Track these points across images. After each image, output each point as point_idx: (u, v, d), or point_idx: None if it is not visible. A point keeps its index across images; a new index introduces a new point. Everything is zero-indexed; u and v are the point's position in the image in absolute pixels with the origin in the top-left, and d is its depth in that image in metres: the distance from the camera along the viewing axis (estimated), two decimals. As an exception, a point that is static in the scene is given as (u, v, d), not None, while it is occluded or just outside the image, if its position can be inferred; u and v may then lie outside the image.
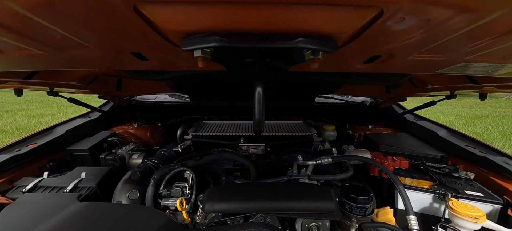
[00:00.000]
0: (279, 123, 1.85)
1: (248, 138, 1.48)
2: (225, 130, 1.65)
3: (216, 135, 1.55)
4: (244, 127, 1.72)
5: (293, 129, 1.67)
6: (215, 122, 1.86)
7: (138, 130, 1.85)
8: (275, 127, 1.74)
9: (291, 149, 1.44)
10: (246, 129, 1.66)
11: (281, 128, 1.71)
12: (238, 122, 1.88)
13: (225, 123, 1.84)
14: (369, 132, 1.83)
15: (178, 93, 2.27)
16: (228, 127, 1.74)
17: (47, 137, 1.41)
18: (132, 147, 1.60)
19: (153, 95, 2.38)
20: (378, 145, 1.48)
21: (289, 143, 1.51)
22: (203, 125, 1.77)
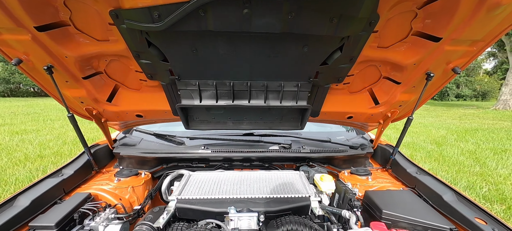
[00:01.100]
0: (273, 175, 1.72)
1: (240, 203, 1.34)
2: (215, 188, 1.50)
3: (203, 199, 1.40)
4: (236, 183, 1.58)
5: (288, 188, 1.53)
6: (204, 176, 1.71)
7: (118, 187, 1.67)
8: (268, 182, 1.61)
9: (285, 219, 1.30)
10: (239, 187, 1.52)
11: (275, 184, 1.58)
12: (231, 173, 1.74)
13: (216, 176, 1.69)
14: (369, 187, 1.72)
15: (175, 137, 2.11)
16: (219, 183, 1.59)
17: (8, 212, 1.22)
18: (109, 213, 1.42)
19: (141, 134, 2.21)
20: (380, 211, 1.37)
21: (284, 211, 1.37)
22: (191, 182, 1.62)
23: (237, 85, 1.45)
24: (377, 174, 1.91)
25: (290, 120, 1.78)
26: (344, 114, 1.83)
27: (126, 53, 1.23)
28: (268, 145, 2.03)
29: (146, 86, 1.62)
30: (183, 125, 1.71)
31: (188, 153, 1.90)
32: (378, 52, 1.28)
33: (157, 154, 1.88)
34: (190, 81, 1.43)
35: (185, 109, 1.66)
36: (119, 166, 2.00)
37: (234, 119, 1.75)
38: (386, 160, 2.01)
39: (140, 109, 1.74)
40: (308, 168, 2.05)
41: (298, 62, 1.26)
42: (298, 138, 2.14)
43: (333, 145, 2.08)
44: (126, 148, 1.97)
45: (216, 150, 1.90)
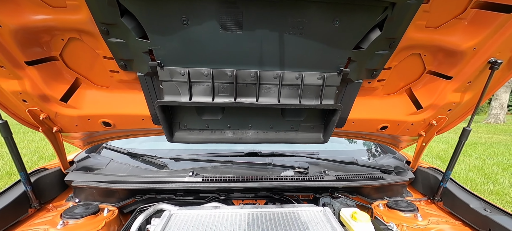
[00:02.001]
0: (287, 213, 1.23)
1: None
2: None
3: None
4: (237, 227, 1.08)
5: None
6: (191, 215, 1.19)
7: (69, 229, 1.12)
8: (282, 225, 1.11)
9: None
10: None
11: (292, 228, 1.08)
12: (229, 211, 1.22)
13: (208, 216, 1.18)
14: (422, 230, 1.25)
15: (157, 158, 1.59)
16: (213, 226, 1.08)
17: None
18: None
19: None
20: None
21: None
22: (172, 225, 1.09)
23: (241, 76, 1.03)
24: (423, 208, 1.45)
25: (310, 130, 1.32)
26: (376, 123, 1.41)
27: (90, 27, 0.92)
28: (279, 169, 1.55)
29: (118, 81, 1.15)
30: (165, 135, 1.21)
31: (170, 181, 1.38)
32: (426, 34, 1.02)
33: (126, 184, 1.35)
34: (177, 69, 1.00)
35: (168, 112, 1.18)
36: (74, 199, 1.45)
37: (235, 127, 1.28)
38: (431, 189, 1.56)
39: (109, 114, 1.25)
40: (331, 200, 1.57)
41: (325, 44, 0.96)
42: (316, 159, 1.67)
43: (362, 168, 1.62)
44: (84, 174, 1.43)
45: (208, 177, 1.39)
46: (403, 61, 1.16)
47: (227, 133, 1.27)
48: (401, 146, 1.74)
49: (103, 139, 1.52)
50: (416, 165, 1.63)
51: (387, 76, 1.23)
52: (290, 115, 1.29)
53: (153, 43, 0.93)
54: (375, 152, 2.05)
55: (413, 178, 1.59)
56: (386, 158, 1.84)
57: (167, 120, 1.17)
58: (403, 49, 1.07)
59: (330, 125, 1.24)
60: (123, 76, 1.13)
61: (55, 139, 1.31)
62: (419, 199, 1.58)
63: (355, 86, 1.17)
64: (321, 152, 1.80)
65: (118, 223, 1.38)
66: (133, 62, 1.03)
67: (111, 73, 1.13)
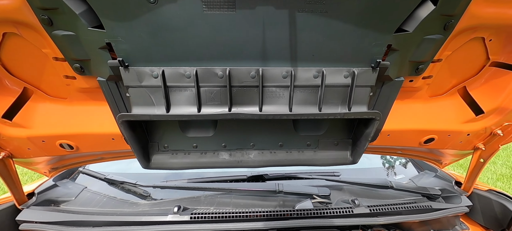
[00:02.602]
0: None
1: None
2: None
3: None
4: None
5: None
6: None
7: None
8: None
9: None
10: None
11: None
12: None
13: None
14: None
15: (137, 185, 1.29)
16: None
17: None
18: None
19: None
20: None
21: None
22: None
23: (237, 76, 0.74)
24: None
25: (332, 147, 0.99)
26: (419, 135, 1.07)
27: (28, 17, 0.68)
28: (292, 198, 1.20)
29: (78, 90, 0.89)
30: (138, 160, 0.90)
31: (149, 221, 1.05)
32: (498, 8, 0.74)
33: (88, 229, 1.03)
34: (147, 69, 0.72)
35: (139, 129, 0.88)
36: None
37: (232, 146, 0.96)
38: (496, 220, 1.17)
39: (69, 134, 0.96)
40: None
41: (356, 26, 0.68)
42: (337, 182, 1.32)
43: (399, 193, 1.26)
44: (43, 210, 1.12)
45: (199, 215, 1.05)
46: (458, 50, 0.86)
47: (222, 155, 0.95)
48: (445, 162, 1.37)
49: (71, 164, 1.23)
50: (472, 187, 1.25)
51: (436, 72, 0.91)
52: (306, 128, 0.96)
53: (111, 34, 0.66)
54: (402, 166, 1.68)
55: (471, 205, 1.21)
56: (426, 177, 1.47)
57: (140, 140, 0.86)
58: (462, 32, 0.79)
59: (361, 140, 0.91)
60: (83, 84, 0.85)
61: (4, 167, 1.02)
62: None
63: (394, 86, 0.84)
64: (344, 171, 1.44)
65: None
66: (90, 63, 0.75)
67: (67, 80, 0.85)
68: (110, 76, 0.76)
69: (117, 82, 0.79)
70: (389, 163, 1.74)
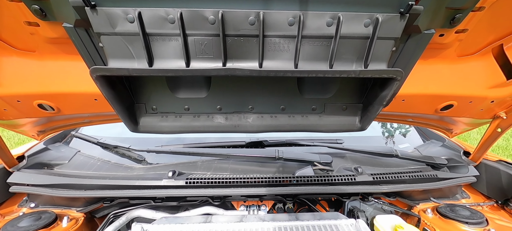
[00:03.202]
0: (301, 226, 0.86)
1: None
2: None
3: None
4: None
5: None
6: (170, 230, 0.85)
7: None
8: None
9: None
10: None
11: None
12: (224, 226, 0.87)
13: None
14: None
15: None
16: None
17: None
18: None
19: None
20: None
21: None
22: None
23: (232, 22, 0.61)
24: (492, 217, 1.05)
25: (340, 112, 0.90)
26: (438, 101, 0.96)
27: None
28: (292, 165, 1.15)
29: (46, 40, 0.77)
30: (125, 123, 0.82)
31: (144, 185, 1.01)
32: None
33: (80, 192, 1.00)
34: (119, 10, 0.59)
35: (120, 87, 0.77)
36: (29, 204, 1.13)
37: (229, 108, 0.87)
38: (502, 190, 1.14)
39: (45, 93, 0.86)
40: (362, 204, 1.19)
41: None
42: (341, 150, 1.26)
43: (404, 162, 1.21)
44: (34, 173, 1.08)
45: (195, 180, 1.01)
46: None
47: (217, 118, 0.86)
48: (456, 131, 1.29)
49: (59, 126, 1.15)
50: (481, 157, 1.19)
51: (473, 24, 0.76)
52: (312, 90, 0.85)
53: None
54: (407, 135, 1.61)
55: (478, 175, 1.17)
56: (432, 146, 1.41)
57: (123, 100, 0.76)
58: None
59: (374, 104, 0.80)
60: (49, 32, 0.71)
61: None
62: (482, 203, 1.17)
63: (421, 40, 0.71)
64: (346, 139, 1.38)
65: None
66: (50, 3, 0.61)
67: (30, 28, 0.71)
68: (77, 21, 0.62)
69: (88, 30, 0.65)
70: (390, 132, 1.68)
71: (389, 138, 1.58)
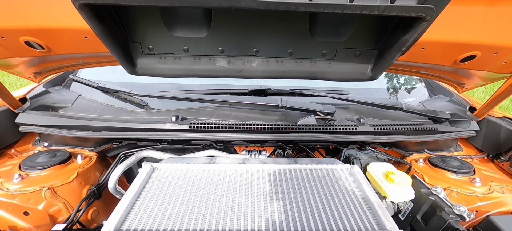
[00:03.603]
0: (303, 171, 0.93)
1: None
2: (197, 204, 0.74)
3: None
4: (238, 191, 0.80)
5: (340, 208, 0.76)
6: (179, 171, 0.92)
7: (20, 190, 0.90)
8: (297, 186, 0.83)
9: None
10: (243, 203, 0.74)
11: (311, 194, 0.80)
12: (227, 167, 0.94)
13: (201, 173, 0.90)
14: (481, 199, 0.94)
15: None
16: (206, 188, 0.82)
17: None
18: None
19: None
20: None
21: None
22: (152, 187, 0.83)
23: None
24: (480, 168, 1.11)
25: (352, 58, 0.84)
26: (462, 50, 0.89)
27: None
28: (295, 114, 1.16)
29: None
30: (121, 64, 0.78)
31: (149, 128, 1.04)
32: None
33: (88, 132, 1.03)
34: None
35: (110, 21, 0.70)
36: (42, 143, 1.19)
37: (231, 51, 0.81)
38: (496, 145, 1.18)
39: (30, 28, 0.78)
40: (358, 152, 1.24)
41: None
42: (345, 101, 1.24)
43: (407, 115, 1.20)
44: (41, 114, 1.10)
45: (198, 125, 1.03)
46: None
47: (220, 62, 0.80)
48: (468, 86, 1.24)
49: (54, 68, 1.10)
50: (486, 113, 1.18)
51: None
52: (325, 32, 0.76)
53: None
54: (413, 89, 1.57)
55: (478, 130, 1.18)
56: (438, 101, 1.38)
57: (115, 36, 0.69)
58: None
59: (391, 51, 0.73)
60: None
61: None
62: (473, 156, 1.23)
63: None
64: (351, 91, 1.35)
65: (99, 170, 1.16)
66: None
67: None
68: None
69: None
70: (396, 85, 1.62)
71: (395, 91, 1.53)
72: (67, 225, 0.86)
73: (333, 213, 0.74)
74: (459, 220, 0.86)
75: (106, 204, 1.14)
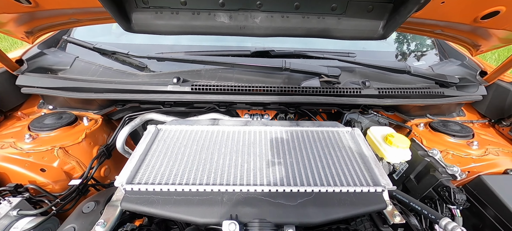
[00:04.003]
0: (305, 133, 0.95)
1: (249, 206, 0.65)
2: (199, 164, 0.78)
3: (175, 193, 0.70)
4: (240, 152, 0.84)
5: (339, 166, 0.80)
6: (183, 132, 0.94)
7: (33, 150, 0.94)
8: (298, 147, 0.86)
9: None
10: (244, 164, 0.78)
11: (311, 154, 0.84)
12: (230, 129, 0.96)
13: (204, 134, 0.93)
14: (475, 161, 0.98)
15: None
16: (209, 148, 0.85)
17: None
18: (8, 207, 0.77)
19: None
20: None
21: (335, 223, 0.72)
22: (157, 147, 0.87)
23: None
24: (479, 132, 1.13)
25: (364, 14, 0.78)
26: (485, 4, 0.81)
27: None
28: (299, 76, 1.13)
29: None
30: (116, 20, 0.74)
31: (152, 90, 1.03)
32: None
33: (91, 94, 1.02)
34: None
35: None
36: (47, 106, 1.20)
37: (233, 5, 0.75)
38: (500, 110, 1.17)
39: None
40: (360, 116, 1.25)
41: None
42: (351, 64, 1.19)
43: (414, 79, 1.17)
44: (41, 77, 1.08)
45: (200, 87, 1.02)
46: None
47: (220, 17, 0.74)
48: (484, 48, 1.17)
49: (46, 26, 1.04)
50: (497, 78, 1.14)
51: None
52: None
53: None
54: (424, 52, 1.50)
55: (485, 95, 1.16)
56: (448, 65, 1.33)
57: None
58: None
59: (407, 4, 0.67)
60: None
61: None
62: (475, 121, 1.23)
63: None
64: (359, 54, 1.28)
65: (106, 132, 1.20)
66: None
67: None
68: None
69: None
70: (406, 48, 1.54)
71: (404, 56, 1.46)
72: (83, 180, 0.93)
73: (331, 171, 0.78)
74: (450, 179, 0.91)
75: (116, 163, 1.20)
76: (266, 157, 0.83)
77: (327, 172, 0.78)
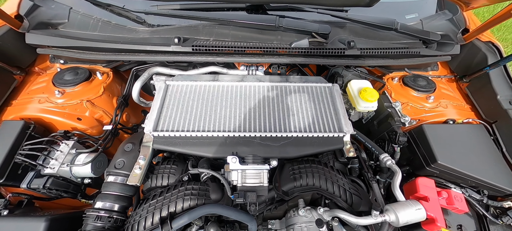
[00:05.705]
0: (292, 88, 1.14)
1: (245, 146, 0.94)
2: (206, 113, 1.02)
3: (192, 138, 0.96)
4: (239, 104, 1.06)
5: (317, 118, 1.04)
6: (188, 88, 1.12)
7: (66, 103, 1.13)
8: (286, 101, 1.09)
9: (305, 168, 0.98)
10: (242, 113, 1.02)
11: (296, 106, 1.07)
12: (229, 84, 1.14)
13: (207, 90, 1.12)
14: (426, 112, 1.22)
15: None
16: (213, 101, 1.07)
17: None
18: (70, 146, 1.05)
19: None
20: (435, 159, 1.02)
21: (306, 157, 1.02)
22: (170, 101, 1.07)
23: None
24: (442, 87, 1.32)
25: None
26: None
27: None
28: (291, 35, 1.20)
29: None
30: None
31: (155, 51, 1.13)
32: None
33: (99, 55, 1.12)
34: None
35: None
36: (58, 60, 1.30)
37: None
38: (467, 68, 1.31)
39: None
40: (344, 70, 1.40)
41: None
42: (342, 19, 1.24)
43: (399, 36, 1.25)
44: (47, 34, 1.13)
45: (200, 47, 1.11)
46: None
47: None
48: (473, 5, 1.19)
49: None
50: (475, 37, 1.22)
51: None
52: None
53: None
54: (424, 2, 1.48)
55: (457, 54, 1.28)
56: (439, 19, 1.36)
57: None
58: None
59: None
60: None
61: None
62: (443, 76, 1.39)
63: None
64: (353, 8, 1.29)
65: (118, 83, 1.36)
66: None
67: None
68: None
69: None
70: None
71: (401, 4, 1.45)
72: (114, 125, 1.17)
73: (309, 120, 1.02)
74: (400, 126, 1.17)
75: (133, 109, 1.43)
76: (258, 109, 1.05)
77: (305, 121, 1.02)
